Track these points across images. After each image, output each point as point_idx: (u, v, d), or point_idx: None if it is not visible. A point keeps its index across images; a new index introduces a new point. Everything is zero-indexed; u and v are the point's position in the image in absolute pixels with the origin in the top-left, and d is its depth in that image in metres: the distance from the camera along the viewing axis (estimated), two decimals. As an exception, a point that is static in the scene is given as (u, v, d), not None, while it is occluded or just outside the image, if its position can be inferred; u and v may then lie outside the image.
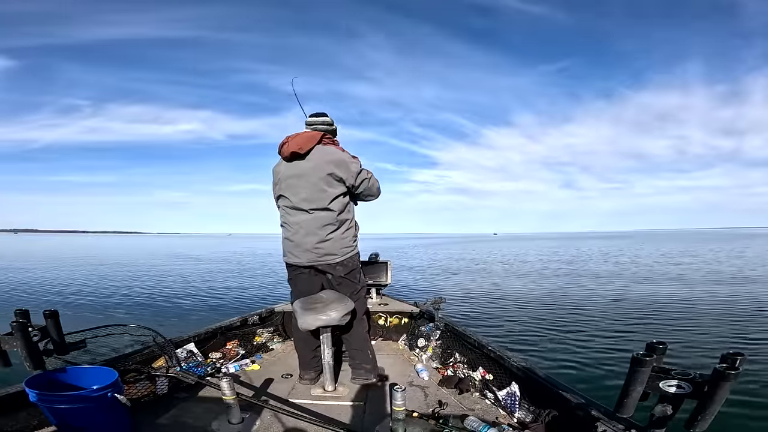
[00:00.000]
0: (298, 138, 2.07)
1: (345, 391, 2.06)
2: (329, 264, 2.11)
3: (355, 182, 2.09)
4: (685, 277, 11.29)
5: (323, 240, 2.06)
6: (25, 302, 8.16)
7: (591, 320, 6.22)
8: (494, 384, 1.97)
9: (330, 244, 2.08)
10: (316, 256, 2.08)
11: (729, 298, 7.86)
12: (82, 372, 1.59)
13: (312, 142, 2.05)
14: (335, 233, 2.08)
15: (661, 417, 1.02)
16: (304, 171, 2.05)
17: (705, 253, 20.61)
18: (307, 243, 2.07)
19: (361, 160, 2.16)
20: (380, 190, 2.27)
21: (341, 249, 2.11)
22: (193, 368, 2.23)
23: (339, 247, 2.10)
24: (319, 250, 2.07)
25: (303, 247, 2.09)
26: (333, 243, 2.08)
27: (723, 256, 18.44)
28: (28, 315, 1.46)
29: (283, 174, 2.12)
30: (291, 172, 2.09)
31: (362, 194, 2.19)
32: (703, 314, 6.47)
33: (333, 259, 2.10)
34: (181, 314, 7.18)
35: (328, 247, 2.08)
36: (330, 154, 2.06)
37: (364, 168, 2.15)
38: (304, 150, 2.03)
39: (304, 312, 1.96)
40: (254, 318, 2.97)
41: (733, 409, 2.96)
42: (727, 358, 0.93)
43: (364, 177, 2.13)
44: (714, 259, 17.49)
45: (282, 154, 2.12)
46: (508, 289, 9.74)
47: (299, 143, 2.04)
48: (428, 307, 2.99)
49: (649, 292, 8.79)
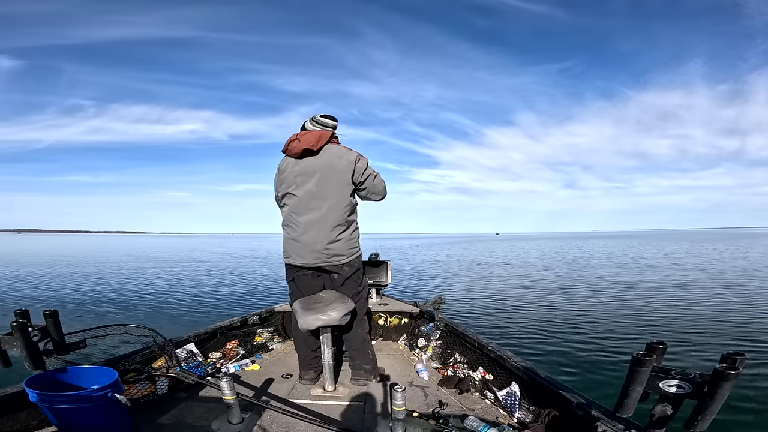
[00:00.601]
0: (309, 135, 2.04)
1: (345, 391, 2.06)
2: (337, 265, 2.09)
3: (361, 178, 2.08)
4: (686, 277, 11.29)
5: (333, 240, 2.04)
6: (25, 302, 8.17)
7: (591, 320, 6.22)
8: (494, 384, 1.97)
9: (340, 244, 2.06)
10: (325, 257, 2.06)
11: (729, 298, 7.86)
12: (82, 372, 1.58)
13: (323, 140, 2.04)
14: (345, 233, 2.07)
15: (661, 417, 1.02)
16: (316, 169, 2.02)
17: (707, 253, 20.52)
18: (317, 243, 2.04)
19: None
20: (386, 190, 2.26)
21: (348, 249, 2.10)
22: (193, 368, 2.23)
23: (347, 247, 2.09)
24: (329, 251, 2.05)
25: (311, 247, 2.05)
26: (342, 243, 2.07)
27: (726, 257, 18.37)
28: (28, 315, 1.46)
29: (291, 171, 2.08)
30: (301, 169, 2.05)
31: (367, 192, 2.18)
32: (704, 314, 6.47)
33: (341, 260, 2.09)
34: (181, 314, 7.19)
35: (337, 247, 2.06)
36: (341, 152, 2.05)
37: (371, 167, 2.15)
38: (316, 147, 2.01)
39: (305, 312, 1.95)
40: (254, 318, 2.96)
41: (733, 409, 2.96)
42: (727, 358, 0.93)
43: (370, 174, 2.12)
44: (716, 258, 17.48)
45: (290, 151, 2.08)
46: (509, 289, 9.74)
47: (311, 140, 2.01)
48: (428, 307, 2.99)
49: (649, 292, 8.79)
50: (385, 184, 2.25)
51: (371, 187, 2.15)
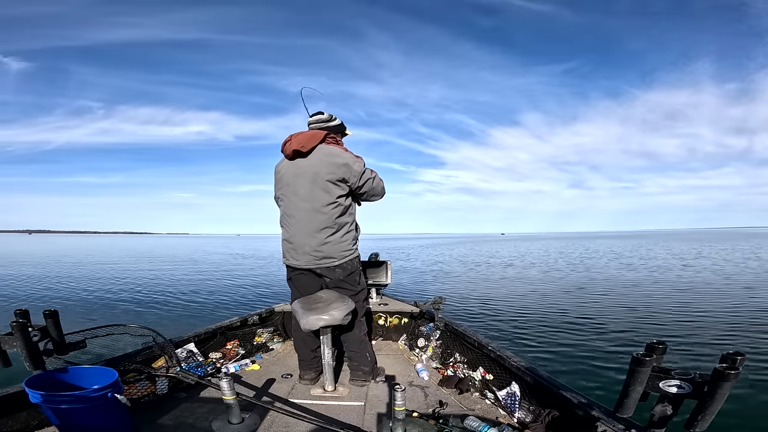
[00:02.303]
0: (300, 136, 2.04)
1: (345, 391, 2.06)
2: (327, 267, 2.07)
3: (359, 182, 2.05)
4: (687, 277, 11.29)
5: (322, 243, 2.02)
6: (26, 302, 8.17)
7: (591, 320, 6.22)
8: (494, 384, 1.97)
9: (328, 247, 2.03)
10: (314, 259, 2.05)
11: (730, 298, 7.85)
12: (82, 372, 1.58)
13: (314, 140, 2.01)
14: (334, 236, 2.03)
15: (661, 417, 1.02)
16: (305, 170, 2.01)
17: (714, 254, 20.27)
18: (305, 246, 2.03)
19: (366, 161, 2.12)
20: (385, 190, 2.23)
21: (340, 252, 2.06)
22: (193, 368, 2.23)
23: (338, 250, 2.05)
24: (318, 254, 2.03)
25: (301, 249, 2.05)
26: (331, 246, 2.03)
27: (732, 256, 18.23)
28: (28, 315, 1.46)
29: (284, 173, 2.09)
30: (293, 171, 2.05)
31: (367, 195, 2.15)
32: (704, 314, 6.47)
33: (331, 263, 2.06)
34: (181, 314, 7.19)
35: (326, 250, 2.03)
36: (332, 153, 2.02)
37: (368, 167, 2.11)
38: (306, 148, 1.99)
39: (306, 312, 1.93)
40: (254, 318, 2.96)
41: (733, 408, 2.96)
42: (727, 358, 0.93)
43: (368, 177, 2.09)
44: (721, 258, 17.41)
45: (284, 152, 2.08)
46: (510, 289, 9.74)
47: (301, 141, 2.00)
48: (428, 307, 2.99)
49: (649, 293, 8.79)
50: (384, 183, 2.22)
51: (370, 189, 2.12)
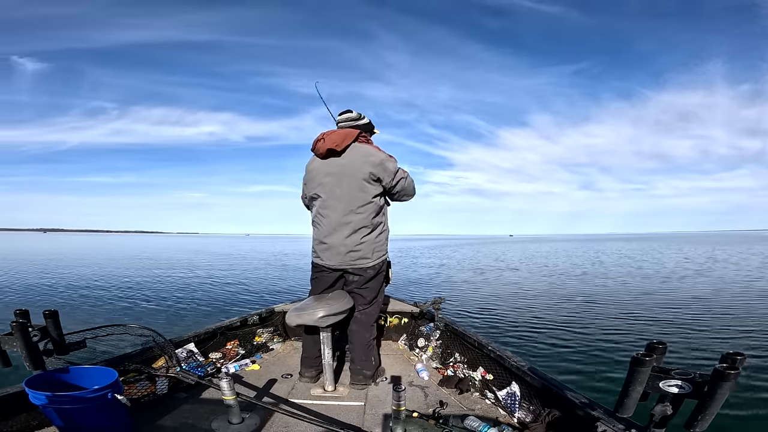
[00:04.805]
0: (334, 135, 2.01)
1: (345, 391, 2.06)
2: (362, 267, 2.06)
3: (393, 182, 2.05)
4: (688, 277, 11.29)
5: (358, 243, 2.01)
6: (26, 302, 8.16)
7: (591, 320, 6.22)
8: (494, 384, 1.97)
9: (364, 246, 2.02)
10: (349, 259, 2.04)
11: (731, 298, 7.85)
12: (82, 372, 1.58)
13: (349, 139, 2.00)
14: (370, 236, 2.03)
15: (661, 417, 1.02)
16: (341, 170, 1.99)
17: (726, 257, 19.95)
18: (341, 246, 2.02)
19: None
20: (415, 190, 2.23)
21: (375, 252, 2.06)
22: (193, 368, 2.23)
23: (373, 249, 2.05)
24: (354, 254, 2.02)
25: (336, 249, 2.03)
26: (367, 246, 2.03)
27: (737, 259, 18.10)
28: (28, 315, 1.46)
29: (317, 172, 2.06)
30: (326, 170, 2.03)
31: (399, 194, 2.15)
32: (704, 314, 6.47)
33: (366, 263, 2.05)
34: (181, 314, 7.18)
35: (363, 249, 2.02)
36: (368, 153, 2.01)
37: (401, 167, 2.10)
38: (341, 147, 1.98)
39: (293, 310, 2.00)
40: (254, 318, 2.96)
41: (733, 408, 2.96)
42: (727, 358, 0.93)
43: (401, 176, 2.08)
44: (727, 260, 17.37)
45: (317, 151, 2.05)
46: (511, 290, 9.74)
47: (335, 140, 1.98)
48: (428, 307, 2.99)
49: (649, 293, 8.79)
50: (415, 183, 2.22)
51: (402, 189, 2.12)
